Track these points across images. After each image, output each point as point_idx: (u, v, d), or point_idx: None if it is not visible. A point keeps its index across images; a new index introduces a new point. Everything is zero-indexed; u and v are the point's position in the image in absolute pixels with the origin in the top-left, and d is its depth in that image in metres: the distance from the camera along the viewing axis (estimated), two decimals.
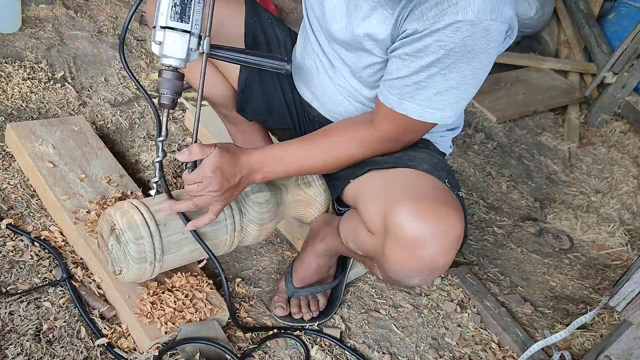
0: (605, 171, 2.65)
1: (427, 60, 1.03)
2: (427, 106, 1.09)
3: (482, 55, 1.03)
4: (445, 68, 1.03)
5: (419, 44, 1.03)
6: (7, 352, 1.10)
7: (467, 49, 1.01)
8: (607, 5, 3.50)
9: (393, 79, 1.10)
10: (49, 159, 1.46)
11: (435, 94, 1.07)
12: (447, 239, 1.05)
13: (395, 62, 1.09)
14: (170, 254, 1.19)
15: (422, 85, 1.07)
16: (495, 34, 1.00)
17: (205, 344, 1.21)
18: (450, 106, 1.09)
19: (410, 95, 1.09)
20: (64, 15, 2.16)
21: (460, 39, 0.99)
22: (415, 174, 1.15)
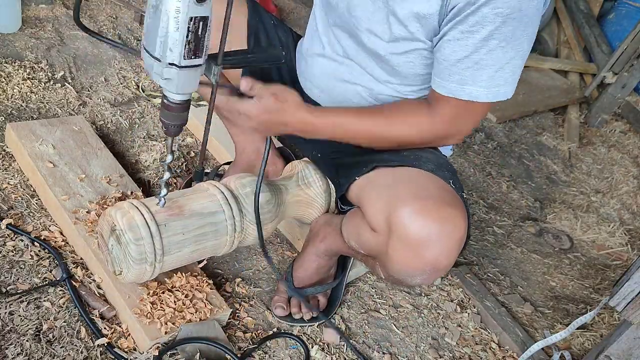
0: (605, 171, 2.65)
1: (485, 32, 1.01)
2: (491, 85, 1.07)
3: (534, 17, 1.03)
4: (503, 39, 1.02)
5: (475, 17, 1.01)
6: (7, 352, 1.10)
7: (522, 13, 1.00)
8: (607, 5, 3.50)
9: (450, 64, 1.07)
10: (49, 159, 1.46)
11: (497, 70, 1.06)
12: (451, 240, 1.05)
13: (449, 45, 1.06)
14: (171, 255, 1.19)
15: (483, 64, 1.05)
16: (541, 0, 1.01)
17: (205, 344, 1.21)
18: (511, 79, 1.08)
19: (472, 79, 1.06)
20: (64, 15, 2.16)
21: (516, 2, 0.98)
22: (421, 173, 1.14)
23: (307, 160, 1.49)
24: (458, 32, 1.04)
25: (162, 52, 0.91)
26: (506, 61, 1.05)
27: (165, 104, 0.99)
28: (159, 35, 0.89)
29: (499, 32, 1.02)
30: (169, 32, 0.88)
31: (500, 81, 1.07)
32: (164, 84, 0.95)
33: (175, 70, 0.92)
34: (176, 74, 0.93)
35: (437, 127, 1.17)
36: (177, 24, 0.88)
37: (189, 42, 0.90)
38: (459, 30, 1.04)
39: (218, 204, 1.26)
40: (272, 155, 1.61)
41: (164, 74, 0.93)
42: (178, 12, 0.87)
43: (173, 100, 0.98)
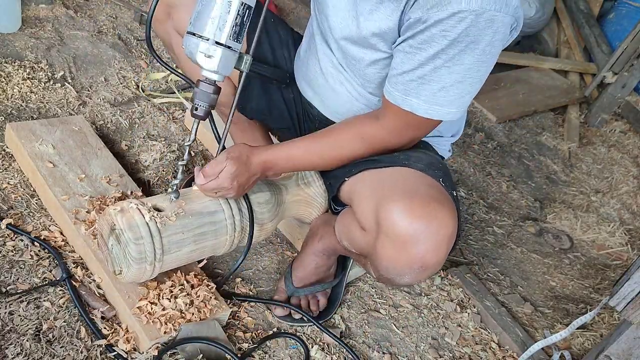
0: (605, 171, 2.65)
1: (432, 51, 1.03)
2: (432, 102, 1.08)
3: (487, 47, 1.03)
4: (449, 60, 1.03)
5: (423, 35, 1.03)
6: (7, 352, 1.10)
7: (470, 39, 1.01)
8: (607, 5, 3.50)
9: (398, 74, 1.09)
10: (49, 159, 1.46)
11: (440, 89, 1.07)
12: (438, 237, 1.05)
13: (400, 55, 1.09)
14: (170, 254, 1.19)
15: (427, 79, 1.06)
16: (499, 25, 1.00)
17: (205, 343, 1.21)
18: (456, 102, 1.09)
19: (415, 91, 1.08)
20: (63, 15, 2.16)
21: (464, 28, 0.99)
22: (410, 172, 1.15)
23: None
24: (408, 45, 1.07)
25: (211, 31, 1.04)
26: (451, 83, 1.06)
27: (201, 84, 1.10)
28: (210, 17, 1.04)
29: (445, 53, 1.03)
30: (222, 13, 1.04)
31: (442, 101, 1.08)
32: (206, 62, 1.07)
33: (220, 48, 1.05)
34: (221, 52, 1.06)
35: (385, 137, 1.19)
36: (229, 7, 1.04)
37: (236, 25, 1.05)
38: (409, 44, 1.06)
39: (218, 204, 1.26)
40: None
41: (209, 50, 1.05)
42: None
43: (209, 79, 1.10)
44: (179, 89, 2.03)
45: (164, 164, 1.69)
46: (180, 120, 1.91)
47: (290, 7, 3.00)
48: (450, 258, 1.79)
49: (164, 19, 1.36)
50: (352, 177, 1.23)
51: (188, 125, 1.90)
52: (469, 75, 1.06)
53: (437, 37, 1.01)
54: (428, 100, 1.08)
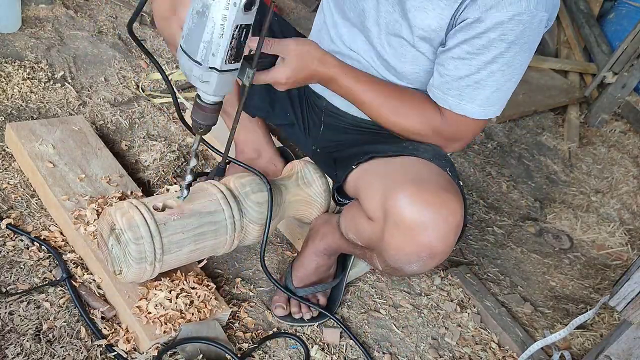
0: (605, 171, 2.65)
1: (490, 55, 1.05)
2: (486, 105, 1.11)
3: (533, 45, 1.07)
4: (505, 64, 1.06)
5: (481, 40, 1.04)
6: (7, 352, 1.10)
7: (524, 41, 1.04)
8: (607, 5, 3.50)
9: (452, 80, 1.11)
10: (49, 158, 1.46)
11: (494, 91, 1.10)
12: (446, 225, 1.05)
13: (453, 62, 1.09)
14: (171, 254, 1.19)
15: (482, 84, 1.09)
16: (543, 24, 1.04)
17: (205, 343, 1.21)
18: (504, 99, 1.13)
19: (469, 96, 1.11)
20: (64, 15, 2.16)
21: (521, 31, 1.02)
22: (417, 161, 1.16)
23: (307, 160, 1.49)
24: (464, 51, 1.07)
25: (205, 57, 0.93)
26: (503, 83, 1.10)
27: (199, 104, 1.02)
28: (202, 40, 0.91)
29: (502, 57, 1.06)
30: (214, 38, 0.91)
31: (494, 101, 1.12)
32: (202, 86, 0.98)
33: (215, 74, 0.95)
34: (216, 77, 0.95)
35: (444, 127, 1.19)
36: (222, 31, 0.90)
37: (232, 48, 0.92)
38: (465, 50, 1.07)
39: (217, 204, 1.26)
40: (272, 154, 1.61)
41: (203, 77, 0.95)
42: (224, 19, 0.89)
43: (207, 101, 1.01)
44: (179, 89, 2.03)
45: (164, 164, 1.69)
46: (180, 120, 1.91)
47: (290, 7, 3.00)
48: (450, 258, 1.79)
49: (168, 16, 1.35)
50: (359, 166, 1.22)
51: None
52: (517, 73, 1.10)
53: (496, 41, 1.04)
54: (482, 103, 1.11)
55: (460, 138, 1.21)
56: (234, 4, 0.88)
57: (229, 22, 0.89)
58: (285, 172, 1.51)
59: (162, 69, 1.18)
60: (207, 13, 0.89)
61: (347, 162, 1.27)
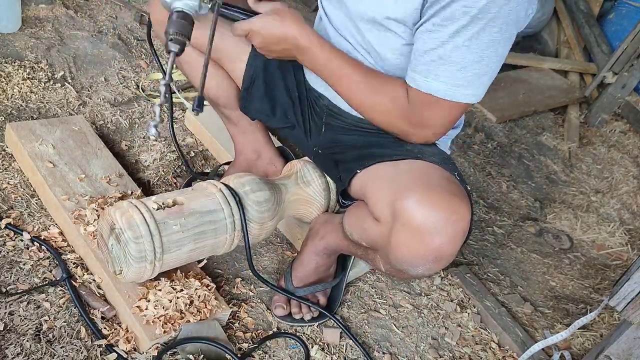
0: (605, 171, 2.65)
1: (453, 28, 1.04)
2: (452, 83, 1.09)
3: (503, 25, 1.04)
4: (469, 39, 1.05)
5: (446, 12, 1.04)
6: (7, 352, 1.10)
7: (490, 16, 1.02)
8: (607, 5, 3.50)
9: (419, 54, 1.10)
10: (49, 158, 1.46)
11: (460, 69, 1.08)
12: (454, 229, 1.06)
13: (421, 37, 1.09)
14: (170, 253, 1.19)
15: (447, 59, 1.07)
16: (514, 4, 1.03)
17: (205, 343, 1.21)
18: (474, 82, 1.09)
19: (435, 73, 1.09)
20: (64, 15, 2.16)
21: (484, 4, 1.01)
22: (426, 165, 1.15)
23: (306, 159, 1.49)
24: (430, 24, 1.07)
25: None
26: (470, 63, 1.07)
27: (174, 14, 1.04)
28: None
29: (466, 30, 1.04)
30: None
31: (461, 81, 1.09)
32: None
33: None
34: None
35: (410, 112, 1.17)
36: None
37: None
38: (432, 23, 1.07)
39: (217, 203, 1.26)
40: (271, 154, 1.61)
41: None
42: None
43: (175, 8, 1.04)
44: (179, 89, 2.03)
45: (164, 164, 1.69)
46: (180, 120, 1.91)
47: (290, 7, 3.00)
48: None
49: (165, 20, 1.35)
50: (364, 169, 1.22)
51: (188, 125, 1.89)
52: (486, 55, 1.07)
53: (459, 13, 1.02)
54: (447, 81, 1.09)
55: (427, 123, 1.17)
56: None
57: None
58: (284, 171, 1.51)
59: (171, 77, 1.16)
60: None
61: (350, 165, 1.26)
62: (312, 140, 1.43)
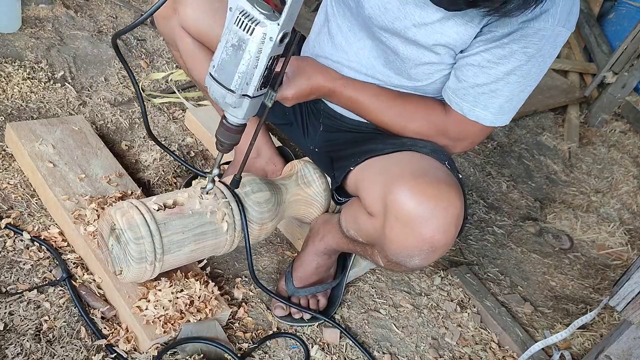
0: (605, 171, 2.65)
1: (509, 66, 1.07)
2: (498, 113, 1.14)
3: (550, 60, 1.09)
4: (522, 76, 1.08)
5: (503, 51, 1.06)
6: (7, 352, 1.10)
7: (542, 54, 1.06)
8: (607, 5, 3.50)
9: (469, 86, 1.12)
10: (49, 158, 1.46)
11: (507, 100, 1.12)
12: (446, 216, 1.05)
13: (472, 69, 1.11)
14: (171, 254, 1.19)
15: (498, 93, 1.11)
16: (561, 39, 1.07)
17: (205, 343, 1.21)
18: (514, 110, 1.15)
19: (484, 104, 1.12)
20: (64, 15, 2.16)
21: (543, 45, 1.04)
22: (415, 155, 1.16)
23: (307, 160, 1.49)
24: (484, 60, 1.09)
25: (239, 86, 0.99)
26: (517, 94, 1.12)
27: (226, 125, 1.08)
28: (238, 72, 0.98)
29: (521, 70, 1.08)
30: (249, 69, 0.98)
31: (507, 110, 1.14)
32: (233, 112, 1.04)
33: (247, 100, 1.02)
34: (248, 103, 1.02)
35: (449, 129, 1.20)
36: (257, 62, 0.97)
37: (264, 77, 1.00)
38: (486, 59, 1.08)
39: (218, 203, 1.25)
40: (270, 153, 1.61)
41: (236, 103, 1.02)
42: (260, 52, 0.97)
43: (235, 123, 1.07)
44: (179, 88, 2.03)
45: (164, 164, 1.69)
46: (180, 120, 1.91)
47: None
48: (451, 258, 1.79)
49: (169, 15, 1.35)
50: (358, 165, 1.23)
51: (188, 125, 1.89)
52: (531, 84, 1.12)
53: (518, 53, 1.05)
54: (495, 112, 1.13)
55: (465, 138, 1.21)
56: (270, 38, 0.94)
57: (264, 54, 0.96)
58: (285, 172, 1.51)
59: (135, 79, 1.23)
60: (243, 47, 0.96)
61: (345, 163, 1.27)
62: (310, 139, 1.43)
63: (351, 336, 1.40)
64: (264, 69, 0.98)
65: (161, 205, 1.21)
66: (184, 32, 1.35)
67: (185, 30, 1.34)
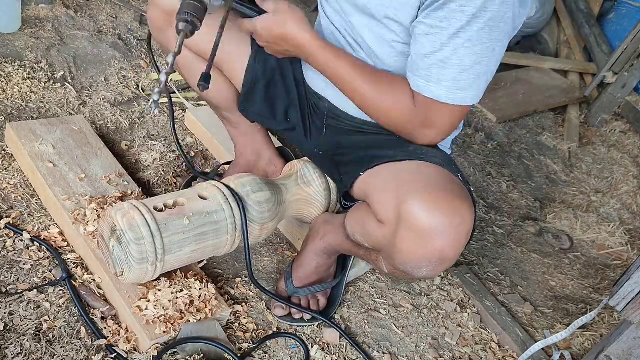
0: (605, 171, 2.65)
1: (452, 29, 1.04)
2: (453, 87, 1.09)
3: (501, 23, 1.04)
4: (468, 39, 1.04)
5: (442, 12, 1.03)
6: (7, 352, 1.10)
7: (488, 15, 1.02)
8: (607, 5, 3.50)
9: (418, 58, 1.10)
10: (49, 158, 1.46)
11: (461, 72, 1.08)
12: (459, 232, 1.06)
13: (419, 40, 1.09)
14: (172, 254, 1.19)
15: (448, 62, 1.07)
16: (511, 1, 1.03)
17: (205, 343, 1.21)
18: (474, 84, 1.10)
19: (436, 77, 1.09)
20: (64, 15, 2.16)
21: (482, 2, 1.00)
22: (429, 166, 1.15)
23: (306, 159, 1.49)
24: (427, 26, 1.07)
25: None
26: (470, 65, 1.07)
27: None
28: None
29: (465, 31, 1.04)
30: None
31: (463, 84, 1.09)
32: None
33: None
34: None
35: (415, 113, 1.17)
36: None
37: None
38: (428, 25, 1.06)
39: (218, 203, 1.26)
40: (271, 154, 1.61)
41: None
42: None
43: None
44: (179, 89, 2.03)
45: (164, 164, 1.69)
46: (180, 120, 1.91)
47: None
48: None
49: (164, 27, 1.36)
50: (367, 171, 1.22)
51: (188, 125, 1.89)
52: (485, 55, 1.07)
53: (457, 12, 1.02)
54: (449, 85, 1.09)
55: (432, 124, 1.17)
56: None
57: None
58: (284, 172, 1.51)
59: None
60: None
61: (352, 167, 1.26)
62: (313, 142, 1.43)
63: (350, 337, 1.40)
64: None
65: (162, 205, 1.21)
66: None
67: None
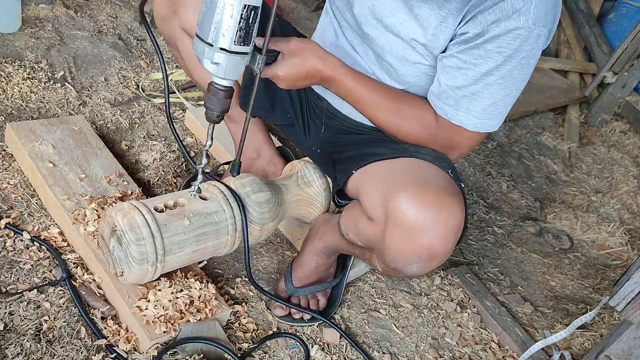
0: (605, 171, 2.65)
1: (486, 67, 1.07)
2: (482, 117, 1.13)
3: (532, 61, 1.09)
4: (501, 77, 1.08)
5: (479, 51, 1.06)
6: (7, 352, 1.10)
7: (522, 55, 1.06)
8: (607, 5, 3.50)
9: (449, 89, 1.12)
10: (49, 158, 1.46)
11: (491, 104, 1.11)
12: (446, 226, 1.06)
13: (450, 71, 1.11)
14: (172, 255, 1.19)
15: (479, 95, 1.10)
16: (542, 39, 1.07)
17: (205, 343, 1.21)
18: (501, 114, 1.14)
19: (466, 107, 1.12)
20: (64, 15, 2.16)
21: (518, 45, 1.04)
22: (418, 162, 1.16)
23: (307, 160, 1.49)
24: (461, 61, 1.09)
25: (215, 37, 0.99)
26: (500, 98, 1.11)
27: (212, 89, 1.05)
28: (213, 22, 0.98)
29: (499, 70, 1.07)
30: (224, 18, 0.97)
31: (491, 115, 1.13)
32: (213, 69, 1.02)
33: (225, 55, 1.00)
34: (225, 58, 1.00)
35: (439, 136, 1.20)
36: (232, 11, 0.97)
37: (240, 29, 0.98)
38: (462, 60, 1.09)
39: (219, 204, 1.26)
40: (271, 154, 1.61)
41: (214, 58, 1.00)
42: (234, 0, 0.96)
43: (219, 85, 1.05)
44: (179, 88, 2.03)
45: (164, 164, 1.69)
46: (180, 120, 1.91)
47: (291, 7, 3.00)
48: (451, 258, 1.79)
49: (169, 16, 1.35)
50: (359, 169, 1.23)
51: (188, 125, 1.89)
52: (515, 88, 1.11)
53: (493, 53, 1.05)
54: (479, 115, 1.13)
55: (455, 147, 1.21)
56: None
57: (238, 3, 0.96)
58: (285, 172, 1.51)
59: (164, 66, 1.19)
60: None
61: (346, 165, 1.27)
62: (311, 140, 1.43)
63: (350, 337, 1.40)
64: (239, 18, 0.97)
65: (162, 206, 1.21)
66: (184, 33, 1.35)
67: (185, 32, 1.34)
